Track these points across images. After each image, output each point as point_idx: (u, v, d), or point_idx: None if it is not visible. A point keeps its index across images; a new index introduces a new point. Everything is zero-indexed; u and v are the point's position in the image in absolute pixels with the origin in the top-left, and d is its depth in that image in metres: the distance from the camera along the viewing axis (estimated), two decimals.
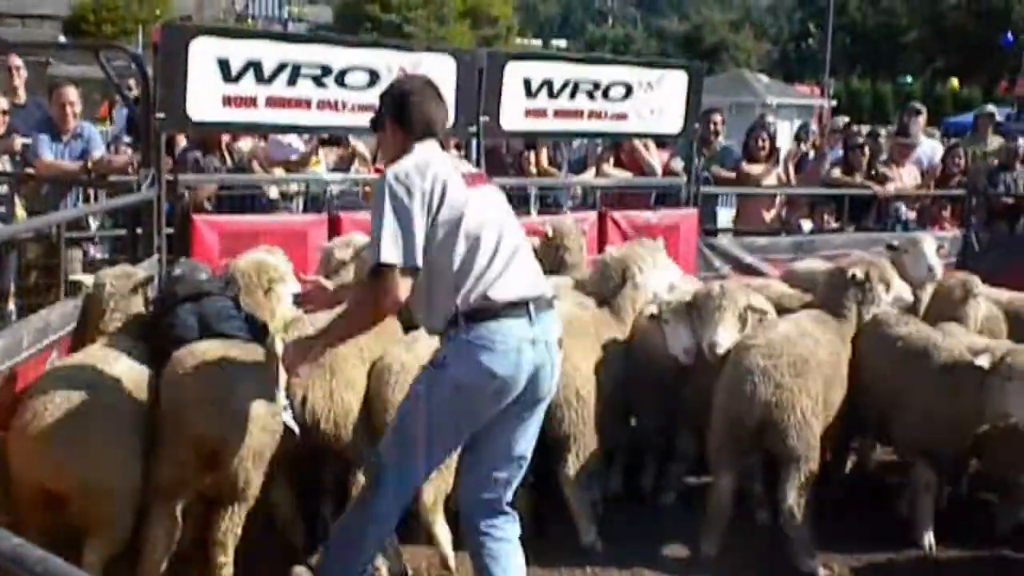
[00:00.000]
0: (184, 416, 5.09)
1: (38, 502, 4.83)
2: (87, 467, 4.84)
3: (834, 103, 42.31)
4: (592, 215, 9.81)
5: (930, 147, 13.72)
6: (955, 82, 50.31)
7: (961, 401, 6.44)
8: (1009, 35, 53.88)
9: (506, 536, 5.01)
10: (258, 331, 5.66)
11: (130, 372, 5.23)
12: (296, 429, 5.56)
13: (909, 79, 56.57)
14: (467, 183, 4.75)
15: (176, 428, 5.10)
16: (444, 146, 5.20)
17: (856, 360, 6.94)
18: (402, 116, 4.90)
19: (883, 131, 16.09)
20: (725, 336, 6.60)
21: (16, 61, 10.20)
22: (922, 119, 13.66)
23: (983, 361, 6.28)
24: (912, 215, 12.68)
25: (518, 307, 4.70)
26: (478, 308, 4.65)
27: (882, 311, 7.12)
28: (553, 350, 4.84)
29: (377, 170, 10.15)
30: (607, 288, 7.24)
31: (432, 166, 4.68)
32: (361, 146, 10.46)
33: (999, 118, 18.45)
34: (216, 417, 5.09)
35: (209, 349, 5.28)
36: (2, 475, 4.85)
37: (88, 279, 5.83)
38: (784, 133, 19.90)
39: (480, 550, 5.01)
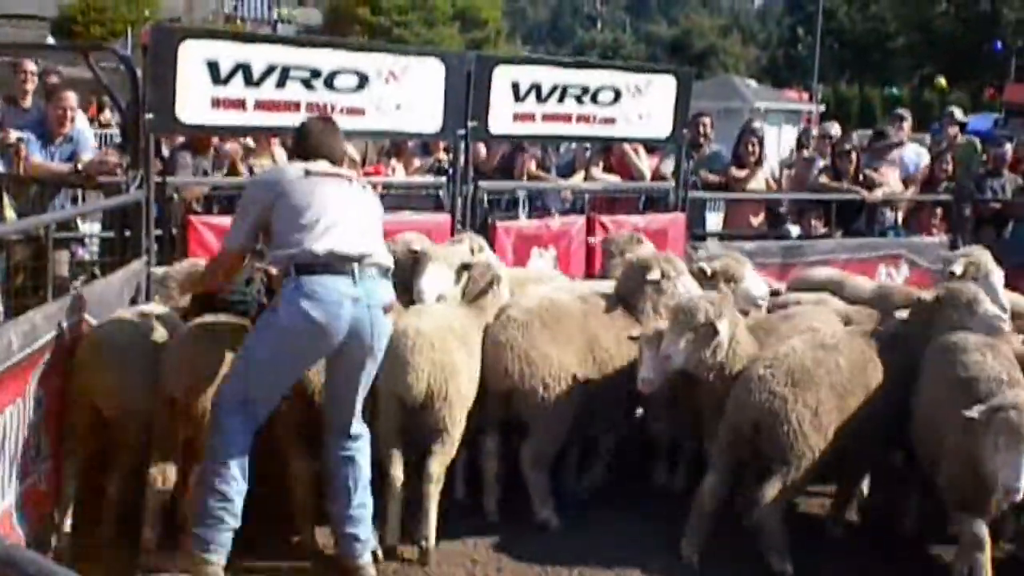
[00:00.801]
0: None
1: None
2: None
3: (823, 108, 42.44)
4: (580, 219, 9.83)
5: (915, 153, 13.77)
6: (942, 80, 50.34)
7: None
8: (998, 43, 54.09)
9: (353, 454, 5.94)
10: None
11: None
12: None
13: (895, 90, 56.71)
14: (319, 178, 5.79)
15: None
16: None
17: (917, 386, 6.57)
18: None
19: (855, 135, 16.14)
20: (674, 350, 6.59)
21: (30, 67, 10.15)
22: (907, 125, 13.75)
23: (974, 413, 5.71)
24: (899, 219, 12.75)
25: (342, 267, 5.57)
26: (304, 262, 5.54)
27: (959, 333, 6.57)
28: (376, 312, 5.66)
29: (366, 173, 10.18)
30: (626, 287, 7.36)
31: (282, 173, 5.95)
32: (351, 148, 10.47)
33: (985, 125, 18.54)
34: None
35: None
36: None
37: None
38: (773, 138, 19.96)
39: (332, 465, 5.97)
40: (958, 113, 17.01)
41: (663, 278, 7.24)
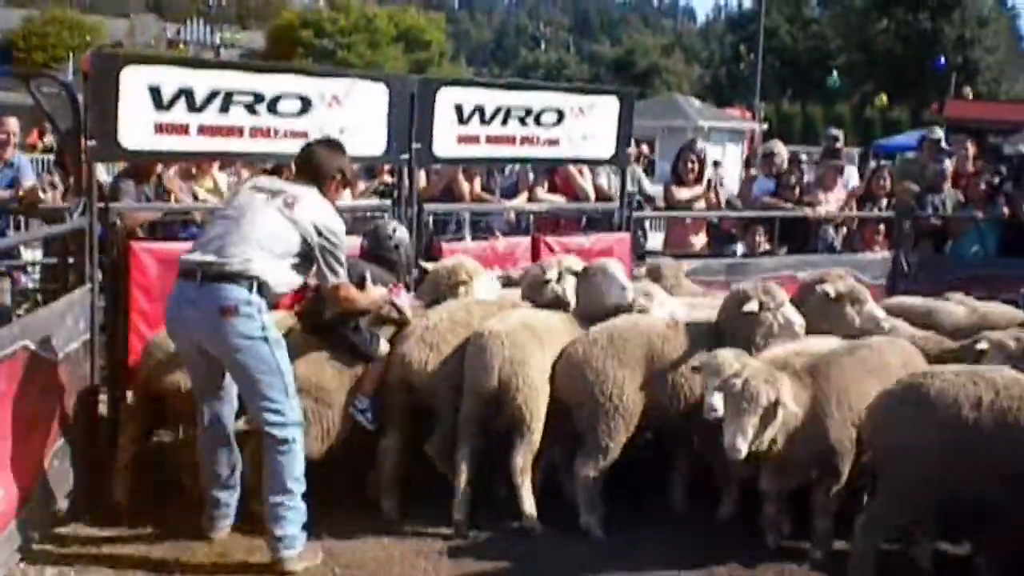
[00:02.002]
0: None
1: None
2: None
3: (765, 126, 42.79)
4: (526, 240, 9.85)
5: (846, 171, 13.94)
6: (884, 98, 50.97)
7: None
8: (941, 59, 54.84)
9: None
10: None
11: None
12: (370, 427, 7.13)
13: (836, 81, 57.36)
14: (250, 193, 6.48)
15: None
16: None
17: None
18: None
19: (804, 156, 16.29)
20: None
21: None
22: (839, 144, 13.99)
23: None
24: (839, 236, 12.88)
25: (189, 273, 6.21)
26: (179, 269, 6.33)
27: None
28: (211, 312, 6.11)
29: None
30: (725, 318, 7.50)
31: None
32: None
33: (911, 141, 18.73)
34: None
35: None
36: None
37: None
38: (717, 157, 20.10)
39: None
40: (938, 132, 17.14)
41: (762, 309, 7.24)
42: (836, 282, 7.74)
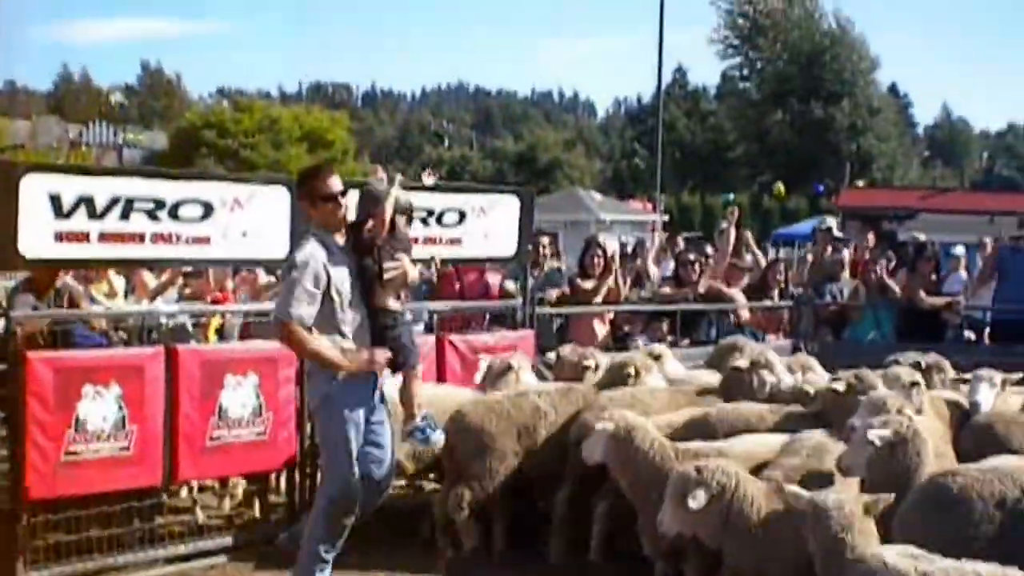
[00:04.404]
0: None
1: None
2: None
3: (666, 218, 43.29)
4: (430, 339, 9.88)
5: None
6: (781, 187, 51.85)
7: None
8: (819, 187, 56.13)
9: None
10: None
11: None
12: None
13: (732, 196, 58.18)
14: None
15: None
16: None
17: None
18: None
19: (708, 249, 16.57)
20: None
21: None
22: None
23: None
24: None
25: None
26: None
27: None
28: None
29: (214, 300, 10.16)
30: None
31: None
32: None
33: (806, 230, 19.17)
34: None
35: None
36: None
37: None
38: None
39: None
40: (829, 221, 17.58)
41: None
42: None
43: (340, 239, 6.92)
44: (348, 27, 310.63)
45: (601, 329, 12.20)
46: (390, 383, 7.30)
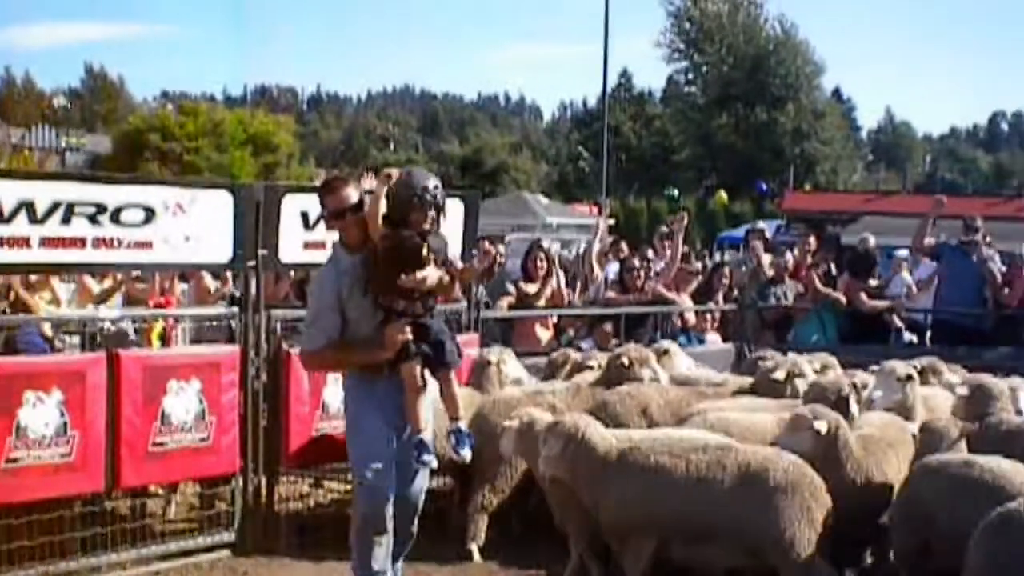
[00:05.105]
0: None
1: None
2: None
3: (612, 222, 43.42)
4: None
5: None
6: (723, 195, 52.12)
7: None
8: (762, 185, 56.34)
9: None
10: None
11: None
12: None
13: (676, 192, 58.48)
14: None
15: None
16: None
17: None
18: None
19: (650, 254, 16.66)
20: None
21: None
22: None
23: None
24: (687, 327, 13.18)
25: None
26: None
27: None
28: None
29: (156, 304, 10.10)
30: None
31: None
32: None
33: (768, 233, 19.36)
34: None
35: None
36: None
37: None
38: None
39: None
40: (761, 224, 17.73)
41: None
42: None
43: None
44: (293, 31, 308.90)
45: (544, 333, 12.26)
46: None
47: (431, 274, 6.52)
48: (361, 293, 6.53)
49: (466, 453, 6.74)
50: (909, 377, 8.40)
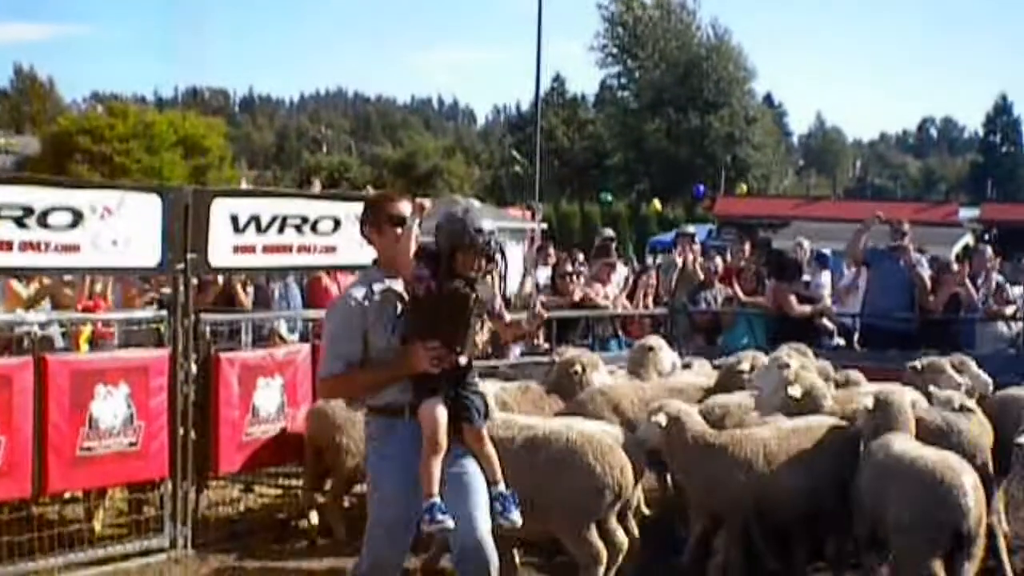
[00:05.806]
0: None
1: None
2: None
3: (545, 226, 43.51)
4: (306, 348, 9.80)
5: (618, 268, 14.52)
6: (657, 204, 52.44)
7: None
8: (700, 187, 56.65)
9: None
10: None
11: None
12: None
13: (610, 197, 58.75)
14: None
15: None
16: None
17: None
18: None
19: (580, 256, 16.76)
20: None
21: None
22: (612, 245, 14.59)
23: None
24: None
25: None
26: None
27: None
28: None
29: (85, 308, 10.02)
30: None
31: None
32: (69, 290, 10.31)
33: (700, 236, 19.53)
34: None
35: None
36: None
37: None
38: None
39: None
40: (690, 229, 17.83)
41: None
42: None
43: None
44: (225, 32, 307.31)
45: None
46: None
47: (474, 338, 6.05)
48: (390, 330, 5.90)
49: (515, 517, 5.90)
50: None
